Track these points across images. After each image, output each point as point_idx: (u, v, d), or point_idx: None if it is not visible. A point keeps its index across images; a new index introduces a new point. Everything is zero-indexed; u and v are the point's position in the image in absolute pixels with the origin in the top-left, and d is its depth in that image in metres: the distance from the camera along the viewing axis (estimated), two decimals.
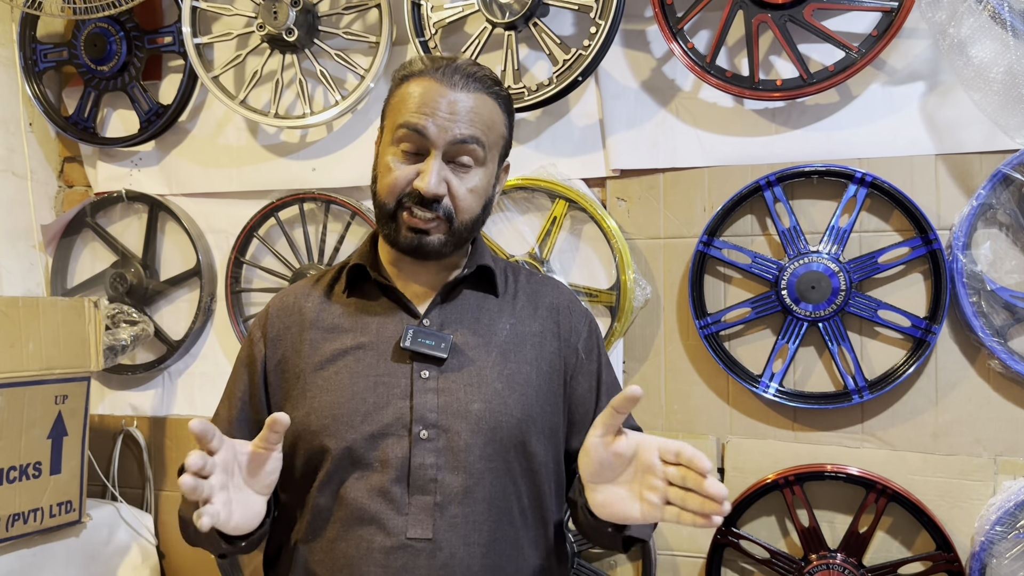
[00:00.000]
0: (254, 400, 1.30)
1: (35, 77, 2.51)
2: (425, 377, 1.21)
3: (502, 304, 1.31)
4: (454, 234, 1.23)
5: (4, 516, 1.85)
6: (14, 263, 2.50)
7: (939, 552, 1.83)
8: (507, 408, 1.22)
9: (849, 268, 1.88)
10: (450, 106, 1.19)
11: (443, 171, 1.19)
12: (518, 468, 1.23)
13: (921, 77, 1.89)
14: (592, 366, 1.34)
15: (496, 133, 1.25)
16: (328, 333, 1.27)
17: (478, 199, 1.24)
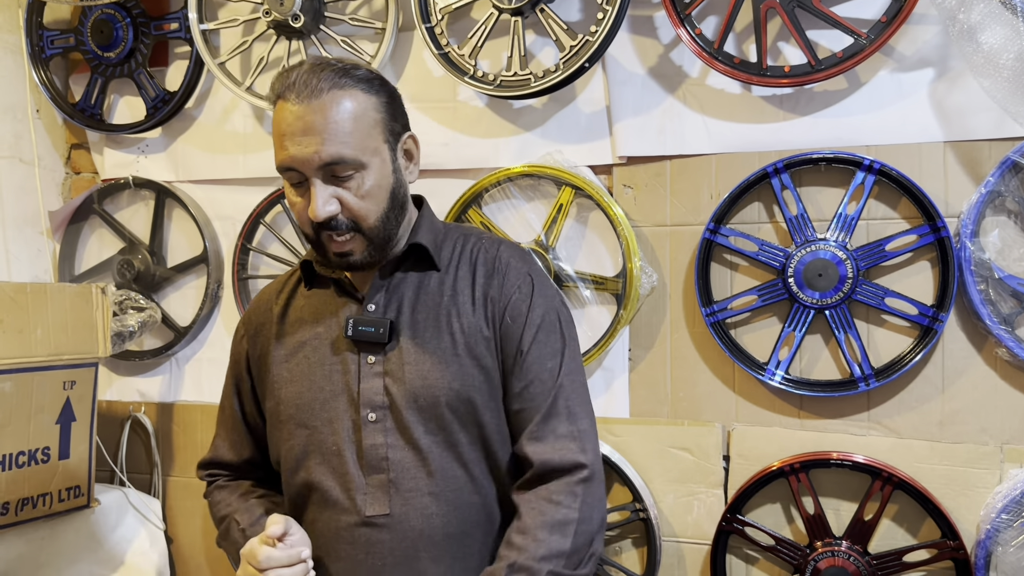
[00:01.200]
0: (245, 391, 1.40)
1: (42, 64, 2.51)
2: (371, 362, 1.26)
3: (443, 277, 1.31)
4: (371, 240, 1.24)
5: (13, 500, 1.86)
6: (22, 249, 2.51)
7: (944, 540, 1.83)
8: (445, 381, 1.24)
9: (856, 256, 1.88)
10: (304, 128, 1.18)
11: (327, 191, 1.20)
12: (464, 439, 1.26)
13: (930, 63, 1.88)
14: (518, 328, 1.28)
15: (367, 124, 1.21)
16: (292, 326, 1.34)
17: (376, 198, 1.23)
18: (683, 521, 2.05)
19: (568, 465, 1.22)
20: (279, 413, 1.31)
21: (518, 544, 1.18)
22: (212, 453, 1.47)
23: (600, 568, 2.06)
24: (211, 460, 1.47)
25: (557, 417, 1.25)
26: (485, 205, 2.19)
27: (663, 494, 2.06)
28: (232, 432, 1.44)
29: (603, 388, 2.13)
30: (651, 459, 2.08)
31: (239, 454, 1.44)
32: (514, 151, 2.17)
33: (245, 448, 1.43)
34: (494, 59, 2.16)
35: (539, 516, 1.19)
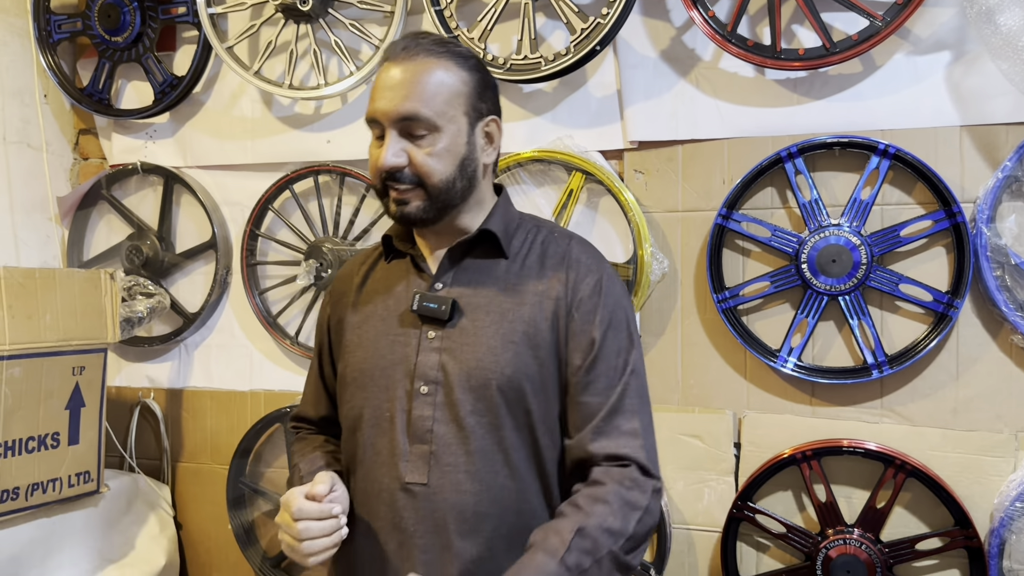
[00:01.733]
0: (326, 354, 1.48)
1: (49, 48, 2.50)
2: (431, 337, 1.31)
3: (510, 265, 1.34)
4: (431, 197, 1.28)
5: (24, 485, 1.86)
6: (31, 235, 2.51)
7: (958, 528, 1.82)
8: (498, 365, 1.27)
9: (871, 241, 1.86)
10: (391, 84, 1.26)
11: (399, 144, 1.26)
12: (511, 423, 1.27)
13: (947, 46, 1.85)
14: (588, 324, 1.29)
15: (448, 93, 1.27)
16: (367, 296, 1.41)
17: (443, 161, 1.28)
18: (693, 508, 2.04)
19: (632, 460, 1.24)
20: (345, 376, 1.38)
21: (587, 509, 1.19)
22: (299, 408, 1.55)
23: None
24: (297, 414, 1.55)
25: (622, 414, 1.27)
26: None
27: (673, 481, 2.05)
28: (314, 391, 1.51)
29: None
30: (661, 446, 2.02)
31: (318, 411, 1.51)
32: (524, 136, 2.15)
33: (323, 406, 1.50)
34: (504, 42, 2.14)
35: (616, 488, 1.21)
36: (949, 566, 1.87)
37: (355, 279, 1.44)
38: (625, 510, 1.19)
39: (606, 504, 1.19)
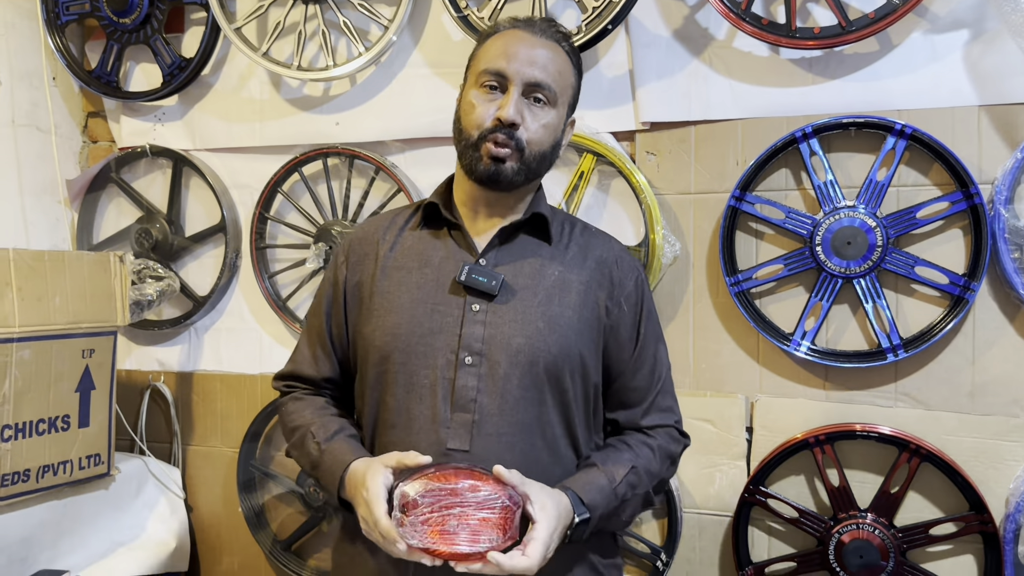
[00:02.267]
0: (336, 314, 1.48)
1: (58, 30, 2.48)
2: (476, 310, 1.35)
3: (554, 252, 1.43)
4: (525, 163, 1.36)
5: (34, 468, 1.86)
6: (40, 218, 2.50)
7: (972, 513, 1.80)
8: (546, 345, 1.34)
9: (886, 223, 1.83)
10: (528, 52, 1.36)
11: (520, 103, 1.35)
12: (551, 400, 1.35)
13: (965, 24, 1.82)
14: (634, 317, 1.45)
15: (566, 81, 1.41)
16: (398, 261, 1.43)
17: (549, 135, 1.38)
18: (705, 492, 2.03)
19: (672, 425, 1.46)
20: (374, 338, 1.39)
21: (637, 451, 1.38)
22: (292, 366, 1.53)
23: (620, 539, 2.04)
24: (290, 372, 1.53)
25: (664, 394, 1.46)
26: None
27: (684, 465, 2.04)
28: (317, 348, 1.50)
29: None
30: None
31: (319, 371, 1.50)
32: None
33: (326, 366, 1.50)
34: None
35: (661, 442, 1.42)
36: (963, 551, 1.85)
37: (381, 243, 1.46)
38: (664, 459, 1.41)
39: (652, 451, 1.40)
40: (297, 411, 1.47)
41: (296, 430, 1.44)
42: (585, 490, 1.30)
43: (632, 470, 1.35)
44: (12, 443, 1.81)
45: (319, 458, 1.38)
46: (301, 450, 1.43)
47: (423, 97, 2.21)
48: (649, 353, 1.45)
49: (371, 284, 1.43)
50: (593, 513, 1.28)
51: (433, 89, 2.21)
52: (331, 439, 1.38)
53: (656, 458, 1.40)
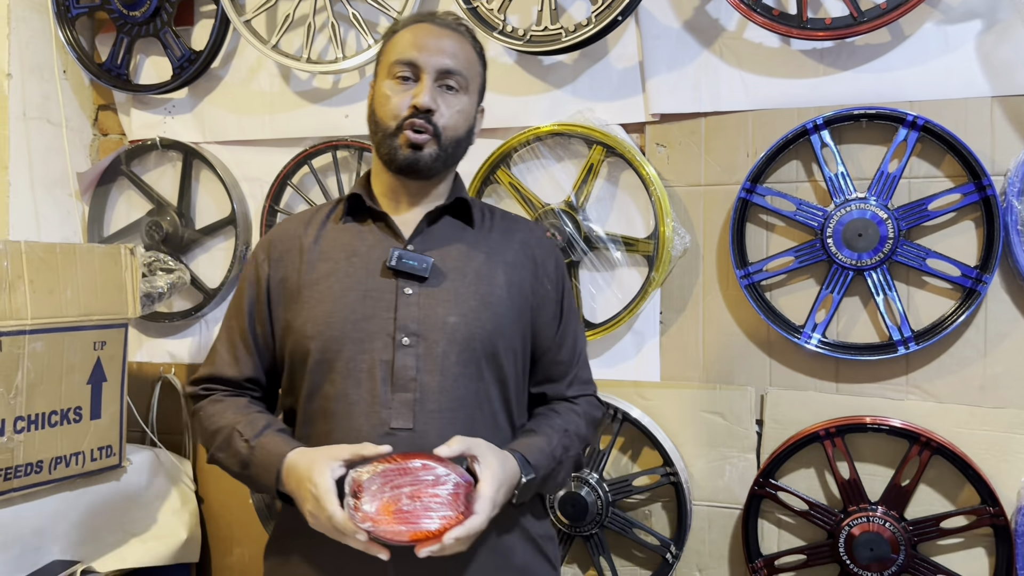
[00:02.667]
0: (260, 312, 1.47)
1: (68, 23, 2.49)
2: (408, 293, 1.38)
3: (478, 235, 1.47)
4: (443, 149, 1.40)
5: (47, 459, 1.87)
6: (51, 211, 2.51)
7: (984, 506, 1.80)
8: (480, 322, 1.39)
9: (898, 215, 1.82)
10: (437, 41, 1.40)
11: (435, 90, 1.38)
12: (488, 375, 1.40)
13: (978, 15, 1.80)
14: (556, 295, 1.51)
15: (474, 69, 1.45)
16: (324, 253, 1.44)
17: (463, 120, 1.42)
18: (714, 485, 2.03)
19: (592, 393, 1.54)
20: (307, 330, 1.39)
21: (566, 417, 1.45)
22: (209, 369, 1.49)
23: (630, 531, 2.05)
24: (208, 375, 1.48)
25: (583, 368, 1.54)
26: (514, 165, 2.16)
27: (694, 458, 2.04)
28: (238, 349, 1.47)
29: (633, 351, 2.10)
30: (682, 423, 2.05)
31: (241, 371, 1.47)
32: (544, 109, 2.13)
33: (248, 366, 1.47)
34: (524, 13, 2.11)
35: (586, 408, 1.50)
36: (975, 544, 1.85)
37: (303, 239, 1.46)
38: (589, 424, 1.50)
39: (579, 417, 1.47)
40: (218, 412, 1.43)
41: (219, 432, 1.41)
42: (530, 452, 1.34)
43: (565, 433, 1.41)
44: (25, 435, 1.82)
45: (249, 456, 1.35)
46: (227, 451, 1.39)
47: None
48: (571, 329, 1.52)
49: (297, 278, 1.43)
50: (537, 473, 1.33)
51: None
52: (260, 434, 1.36)
53: (583, 423, 1.47)
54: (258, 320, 1.47)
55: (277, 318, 1.45)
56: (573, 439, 1.43)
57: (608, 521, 2.04)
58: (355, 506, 1.19)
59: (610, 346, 2.12)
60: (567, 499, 2.03)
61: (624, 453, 2.12)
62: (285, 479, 1.30)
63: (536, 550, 1.45)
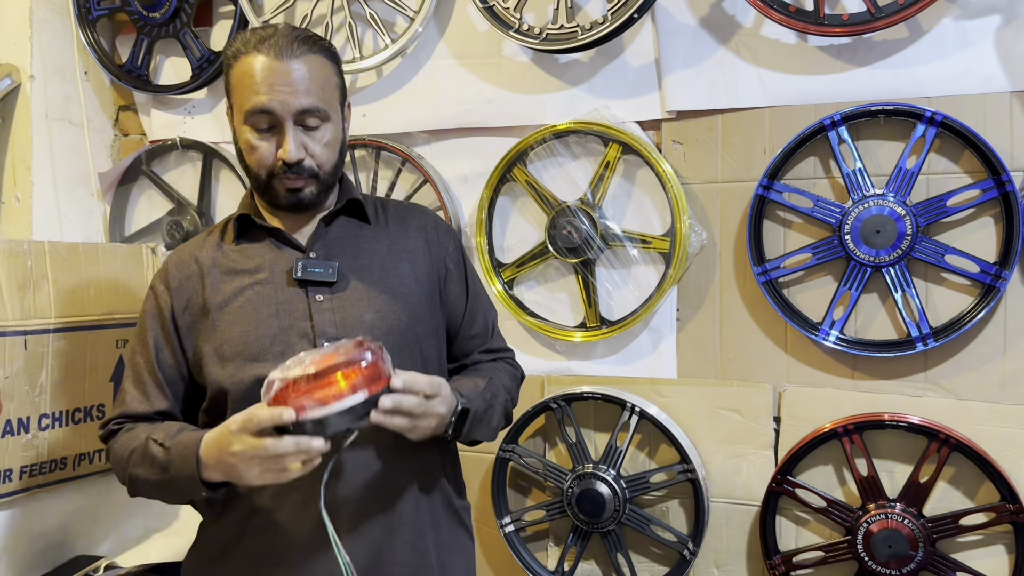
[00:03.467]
0: (167, 343, 1.44)
1: (89, 25, 2.52)
2: (320, 300, 1.39)
3: (375, 230, 1.49)
4: (323, 184, 1.40)
5: (71, 456, 1.90)
6: (73, 211, 2.55)
7: (1004, 503, 1.79)
8: (396, 315, 1.42)
9: (916, 212, 1.82)
10: (286, 78, 1.33)
11: (298, 137, 1.35)
12: (411, 364, 1.40)
13: (997, 9, 1.79)
14: (460, 274, 1.55)
15: (331, 85, 1.40)
16: (226, 275, 1.43)
17: (333, 149, 1.41)
18: (732, 482, 2.03)
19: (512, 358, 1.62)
20: (223, 352, 1.38)
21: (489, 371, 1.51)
22: (119, 408, 1.46)
23: (647, 528, 2.05)
24: (119, 415, 1.46)
25: (497, 339, 1.61)
26: (530, 163, 2.16)
27: (711, 455, 2.04)
28: (147, 385, 1.44)
29: (650, 348, 2.11)
30: (699, 420, 2.05)
31: (152, 405, 1.44)
32: (560, 107, 2.13)
33: (160, 400, 1.44)
34: (540, 12, 2.12)
35: (504, 365, 1.57)
36: (994, 541, 1.84)
37: (201, 263, 1.44)
38: (511, 377, 1.56)
39: (499, 370, 1.54)
40: (130, 438, 1.40)
41: (134, 451, 1.37)
42: (460, 387, 1.39)
43: (491, 381, 1.47)
44: (49, 432, 1.85)
45: (167, 457, 1.31)
46: (144, 463, 1.35)
47: (449, 88, 2.22)
48: (480, 304, 1.57)
49: (202, 303, 1.42)
50: (471, 406, 1.36)
51: (459, 80, 2.21)
52: (175, 435, 1.33)
53: (505, 375, 1.53)
54: (167, 352, 1.44)
55: (188, 347, 1.43)
56: (498, 387, 1.48)
57: (625, 518, 2.05)
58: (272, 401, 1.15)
59: (627, 343, 2.13)
60: (584, 495, 2.04)
61: (641, 450, 2.12)
62: (205, 458, 1.26)
63: (458, 521, 1.51)
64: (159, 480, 1.33)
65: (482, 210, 2.19)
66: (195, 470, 1.27)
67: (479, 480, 2.25)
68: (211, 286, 1.42)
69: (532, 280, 2.22)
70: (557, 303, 2.19)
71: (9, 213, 2.48)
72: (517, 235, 2.22)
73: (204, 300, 1.42)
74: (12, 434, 1.77)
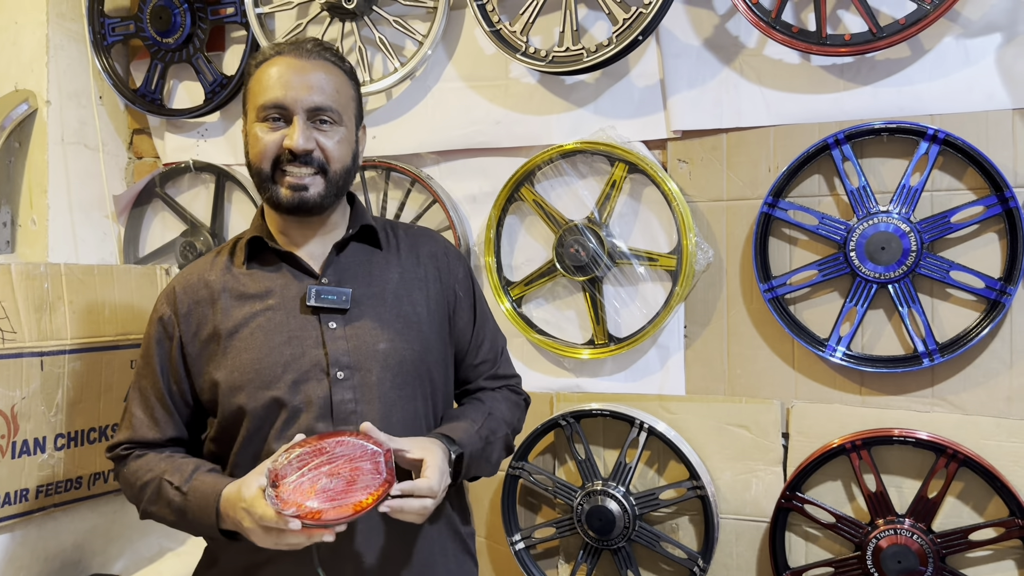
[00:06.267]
0: (174, 369, 1.43)
1: (104, 51, 2.57)
2: (333, 328, 1.38)
3: (388, 256, 1.48)
4: (331, 183, 1.38)
5: (86, 475, 1.92)
6: (88, 233, 2.58)
7: (1012, 518, 1.79)
8: (408, 343, 1.41)
9: (920, 228, 1.83)
10: (303, 78, 1.35)
11: (309, 129, 1.35)
12: (421, 393, 1.42)
13: (998, 28, 1.81)
14: (469, 300, 1.54)
15: (346, 96, 1.41)
16: (237, 300, 1.41)
17: (346, 148, 1.40)
18: (741, 498, 2.03)
19: (518, 385, 1.61)
20: (233, 381, 1.36)
21: (489, 404, 1.49)
22: (127, 433, 1.45)
23: (657, 544, 2.06)
24: (127, 439, 1.44)
25: (505, 364, 1.60)
26: (537, 183, 2.19)
27: (720, 471, 2.05)
28: (156, 410, 1.43)
29: (658, 365, 2.12)
30: (708, 436, 2.06)
31: (162, 432, 1.43)
32: (566, 128, 2.16)
33: (169, 427, 1.44)
34: (546, 35, 2.15)
35: (507, 393, 1.55)
36: (1004, 556, 1.84)
37: (210, 288, 1.42)
38: (512, 407, 1.54)
39: (499, 401, 1.51)
40: (142, 467, 1.39)
41: (147, 485, 1.37)
42: (453, 432, 1.37)
43: (489, 416, 1.45)
44: (65, 451, 1.87)
45: (183, 503, 1.31)
46: (159, 503, 1.36)
47: (457, 110, 2.25)
48: (487, 330, 1.56)
49: (213, 329, 1.39)
50: (465, 450, 1.35)
51: (467, 102, 2.24)
52: (190, 479, 1.33)
53: (505, 406, 1.51)
54: (173, 378, 1.42)
55: (197, 373, 1.41)
56: (498, 420, 1.47)
57: (635, 535, 2.05)
58: (276, 495, 1.17)
59: (635, 360, 2.14)
60: (594, 512, 2.05)
61: (650, 467, 2.13)
62: (224, 514, 1.27)
63: (464, 549, 1.51)
64: (175, 521, 1.35)
65: (490, 229, 2.21)
66: (214, 523, 1.28)
67: (489, 498, 2.26)
68: (222, 311, 1.40)
69: (540, 298, 2.24)
70: (565, 321, 2.21)
71: (26, 236, 2.52)
72: (525, 254, 2.24)
73: (215, 327, 1.40)
74: (28, 454, 1.79)
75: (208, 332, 1.40)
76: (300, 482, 1.18)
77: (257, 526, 1.20)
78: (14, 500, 1.77)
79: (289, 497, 1.17)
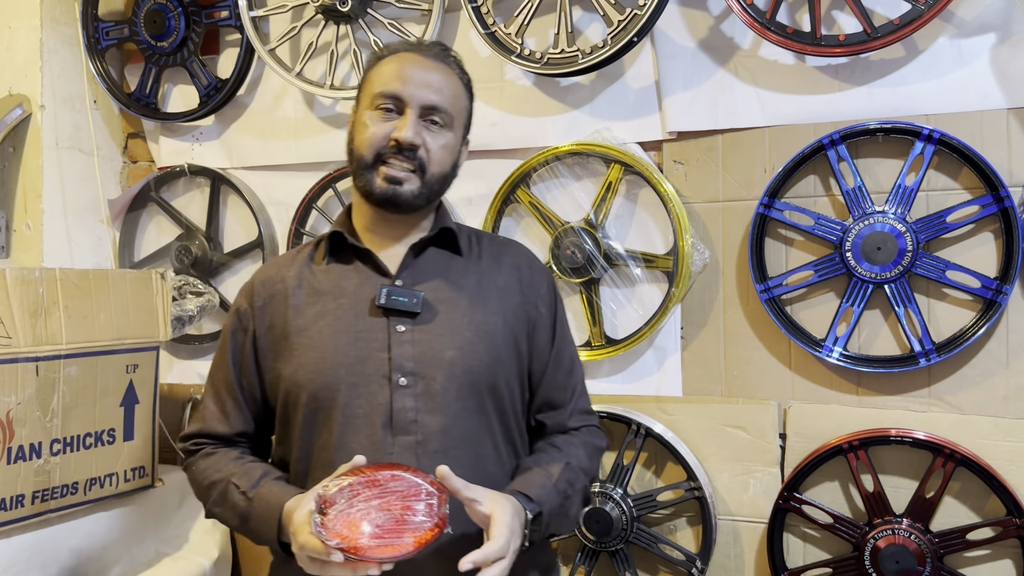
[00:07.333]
0: (246, 363, 1.42)
1: (98, 55, 2.56)
2: (400, 331, 1.33)
3: (467, 262, 1.43)
4: (426, 185, 1.36)
5: (82, 480, 1.92)
6: (83, 237, 2.58)
7: (1010, 517, 1.79)
8: (477, 354, 1.35)
9: (916, 228, 1.83)
10: (423, 75, 1.36)
11: (419, 126, 1.34)
12: (490, 407, 1.36)
13: (992, 28, 1.82)
14: (551, 319, 1.47)
15: (460, 104, 1.41)
16: (310, 297, 1.39)
17: (448, 155, 1.39)
18: (739, 499, 2.03)
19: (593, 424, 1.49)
20: (298, 378, 1.34)
21: (567, 451, 1.39)
22: (199, 425, 1.45)
23: (655, 546, 2.06)
24: (198, 431, 1.45)
25: (582, 395, 1.49)
26: (533, 185, 2.19)
27: (718, 472, 2.05)
28: (226, 403, 1.43)
29: (655, 367, 2.12)
30: (705, 437, 2.06)
31: (232, 426, 1.43)
32: (562, 129, 2.16)
33: (238, 420, 1.43)
34: (541, 37, 2.15)
35: (586, 438, 1.44)
36: (1001, 556, 1.84)
37: (287, 283, 1.41)
38: (592, 453, 1.43)
39: (580, 448, 1.41)
40: (211, 466, 1.39)
41: (214, 486, 1.37)
42: (529, 488, 1.28)
43: (567, 467, 1.35)
44: (61, 457, 1.87)
45: (248, 509, 1.31)
46: (224, 505, 1.35)
47: None
48: (567, 352, 1.48)
49: (284, 325, 1.38)
50: (543, 508, 1.27)
51: None
52: (257, 485, 1.32)
53: (585, 454, 1.41)
54: (244, 372, 1.42)
55: (266, 368, 1.40)
56: (577, 472, 1.37)
57: (633, 536, 2.05)
58: (322, 523, 1.13)
59: (632, 362, 2.14)
60: (592, 515, 2.05)
61: (648, 468, 2.13)
62: (284, 528, 1.26)
63: None
64: (238, 525, 1.34)
65: None
66: (275, 535, 1.27)
67: None
68: (294, 307, 1.39)
69: None
70: None
71: (20, 241, 2.51)
72: None
73: (286, 322, 1.38)
74: (24, 459, 1.79)
75: (280, 327, 1.39)
76: (349, 512, 1.13)
77: (299, 549, 1.18)
78: (10, 506, 1.76)
79: (335, 526, 1.13)
